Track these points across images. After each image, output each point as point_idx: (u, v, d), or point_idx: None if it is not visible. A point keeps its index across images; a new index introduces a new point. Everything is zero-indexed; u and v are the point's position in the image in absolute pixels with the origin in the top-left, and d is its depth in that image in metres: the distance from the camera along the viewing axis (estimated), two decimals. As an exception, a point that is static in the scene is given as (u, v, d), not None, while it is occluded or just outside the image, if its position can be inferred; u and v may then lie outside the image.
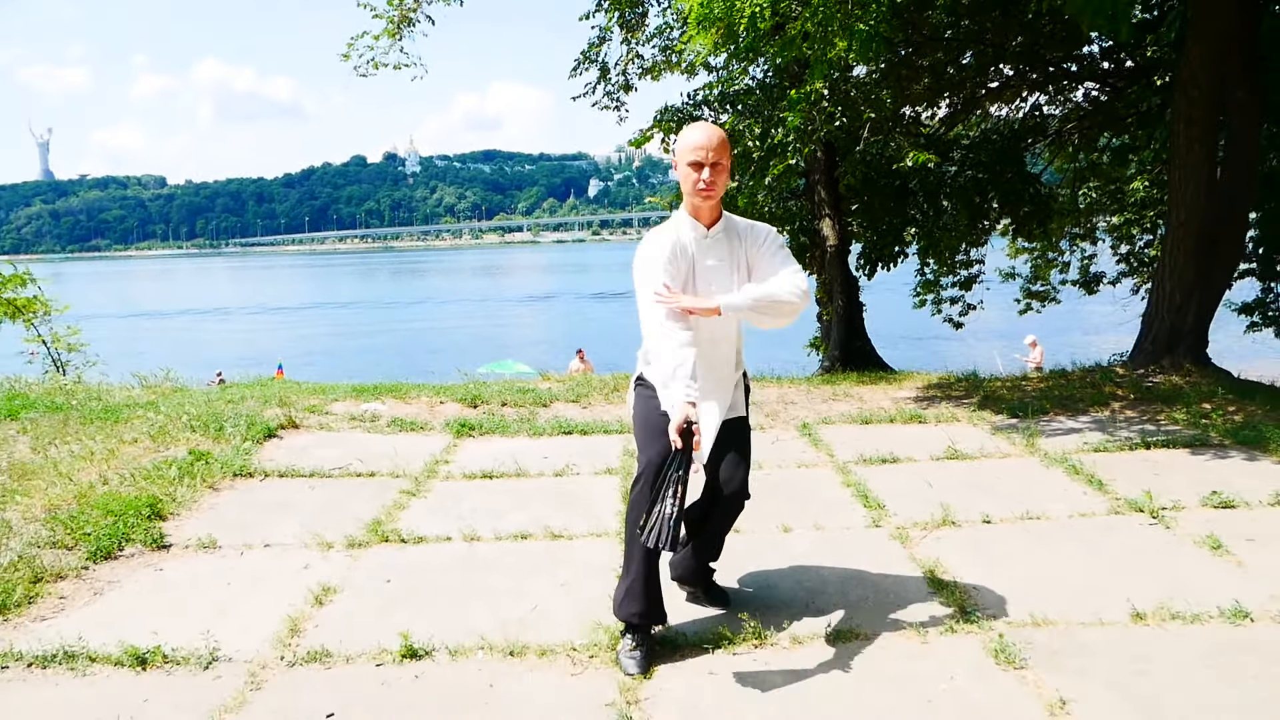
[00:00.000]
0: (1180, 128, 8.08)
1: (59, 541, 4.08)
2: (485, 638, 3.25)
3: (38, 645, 3.17)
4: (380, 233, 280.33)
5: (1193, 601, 3.46)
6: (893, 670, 3.02)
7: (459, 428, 6.33)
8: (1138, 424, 6.34)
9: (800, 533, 4.35)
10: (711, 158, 3.09)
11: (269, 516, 4.58)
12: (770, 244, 3.25)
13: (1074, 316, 19.10)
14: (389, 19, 10.20)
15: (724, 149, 3.11)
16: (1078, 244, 16.15)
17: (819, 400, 7.26)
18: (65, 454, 5.40)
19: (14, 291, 10.97)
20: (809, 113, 8.93)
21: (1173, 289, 8.23)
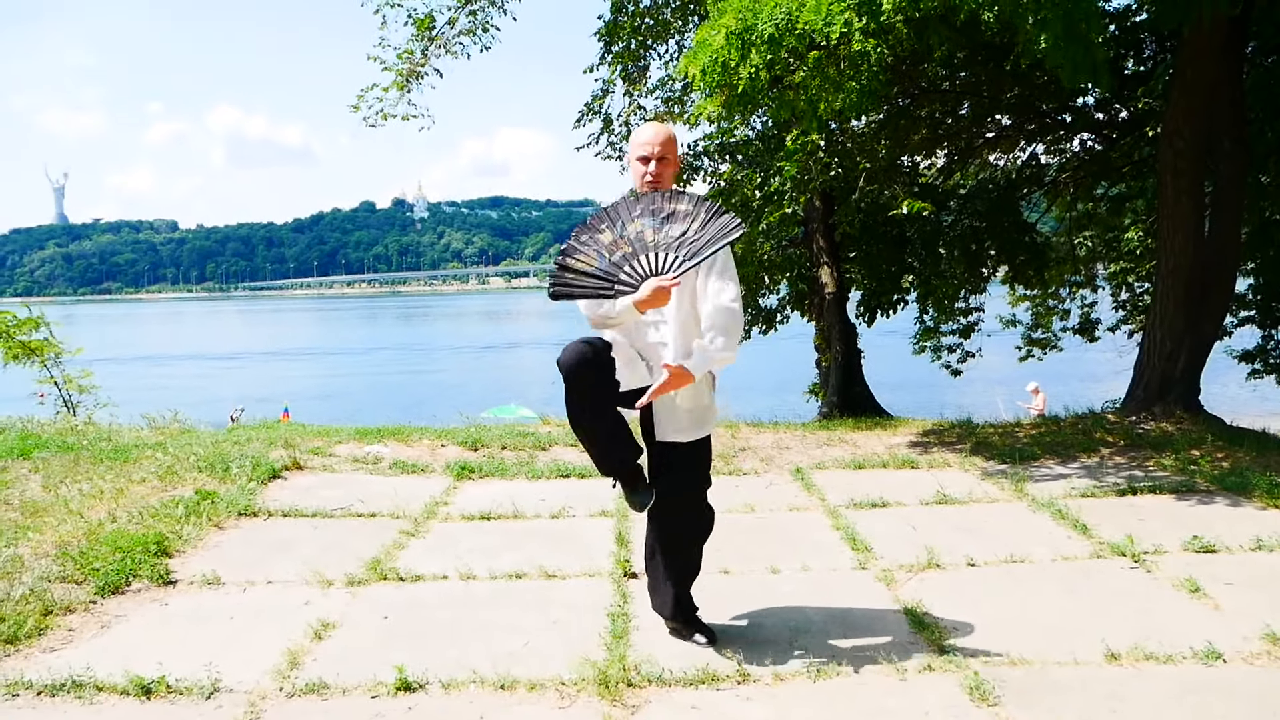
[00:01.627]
0: (1167, 178, 8.27)
1: (69, 576, 4.21)
2: (477, 672, 3.36)
3: (47, 674, 3.29)
4: (388, 277, 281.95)
5: (1167, 642, 3.56)
6: (870, 705, 3.13)
7: (459, 470, 6.47)
8: (1126, 470, 6.45)
9: (788, 574, 4.46)
10: (657, 152, 3.40)
11: (272, 554, 4.71)
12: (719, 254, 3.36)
13: (1076, 364, 19.19)
14: (398, 72, 10.48)
15: (669, 144, 3.41)
16: (1077, 292, 16.31)
17: (813, 445, 7.38)
18: (75, 492, 5.53)
19: (27, 334, 11.16)
20: (805, 163, 9.17)
21: (1163, 336, 8.37)
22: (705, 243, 3.25)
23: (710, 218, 3.28)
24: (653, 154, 3.41)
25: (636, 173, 3.46)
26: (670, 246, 3.26)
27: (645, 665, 3.40)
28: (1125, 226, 14.69)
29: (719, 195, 11.12)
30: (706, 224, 3.27)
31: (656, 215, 3.27)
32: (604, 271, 3.27)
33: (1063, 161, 13.87)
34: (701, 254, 3.24)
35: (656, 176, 3.42)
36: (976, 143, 12.68)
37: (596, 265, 3.27)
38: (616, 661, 3.39)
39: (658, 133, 3.44)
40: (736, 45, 6.00)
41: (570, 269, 3.29)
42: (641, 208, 3.28)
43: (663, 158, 3.42)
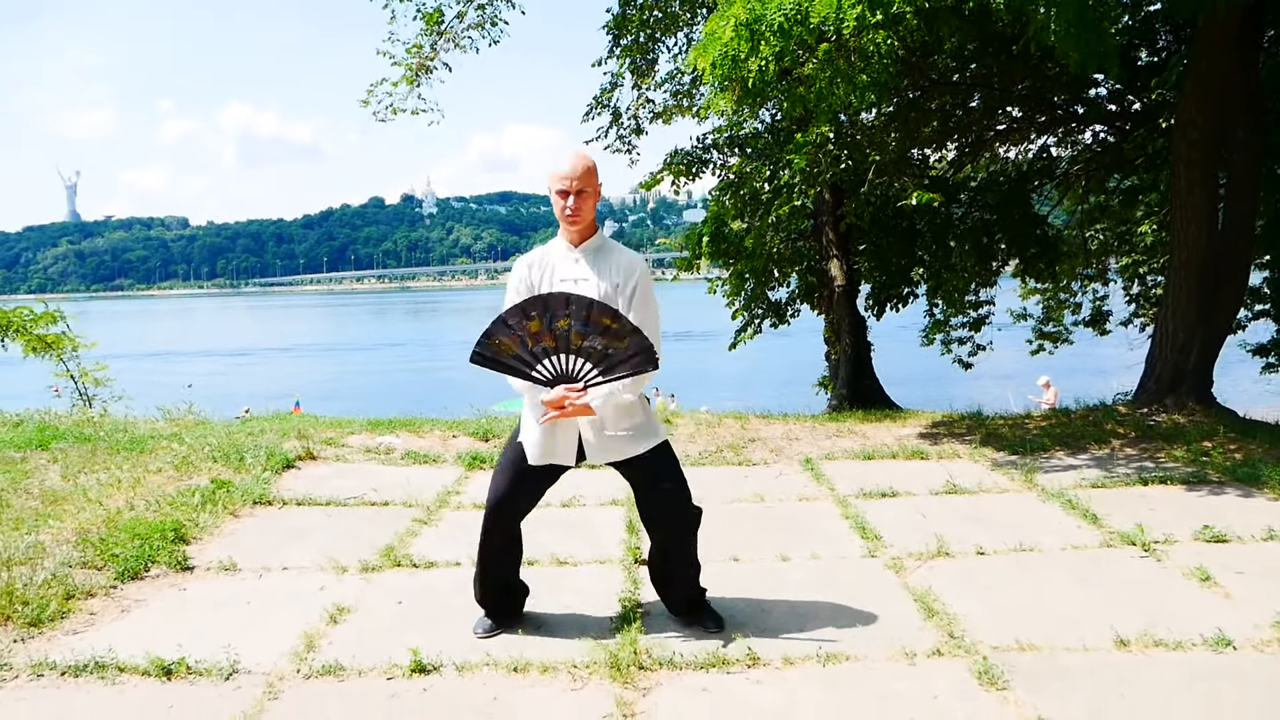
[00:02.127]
0: (1180, 169, 8.25)
1: (89, 562, 4.27)
2: (491, 655, 3.41)
3: (70, 656, 3.36)
4: (397, 273, 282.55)
5: (1177, 630, 3.58)
6: (879, 689, 3.16)
7: (470, 460, 6.52)
8: (1137, 461, 6.46)
9: (797, 562, 4.49)
10: (575, 185, 3.37)
11: (287, 542, 4.77)
12: (639, 288, 3.43)
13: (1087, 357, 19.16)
14: (407, 66, 10.52)
15: (588, 176, 3.38)
16: (1088, 285, 16.25)
17: (823, 437, 7.41)
18: (94, 482, 5.60)
19: (44, 328, 11.27)
20: (815, 155, 9.17)
21: (1176, 328, 8.35)
22: (621, 364, 3.31)
23: (635, 346, 3.30)
24: (570, 187, 3.36)
25: (557, 206, 3.42)
26: (590, 356, 3.32)
27: (656, 649, 3.44)
28: (1138, 219, 14.63)
29: (728, 188, 11.13)
30: (630, 349, 3.30)
31: (587, 323, 3.27)
32: (523, 358, 3.34)
33: (1074, 154, 13.81)
34: (614, 373, 3.32)
35: (576, 210, 3.38)
36: (987, 135, 12.64)
37: (518, 349, 3.33)
38: (628, 645, 3.43)
39: (575, 165, 3.36)
40: (745, 36, 6.00)
41: (494, 342, 3.34)
42: (574, 309, 3.27)
43: (581, 190, 3.37)
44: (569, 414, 3.33)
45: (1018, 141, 13.45)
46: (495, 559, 3.64)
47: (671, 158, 11.39)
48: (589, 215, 3.44)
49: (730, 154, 11.37)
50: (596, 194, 3.45)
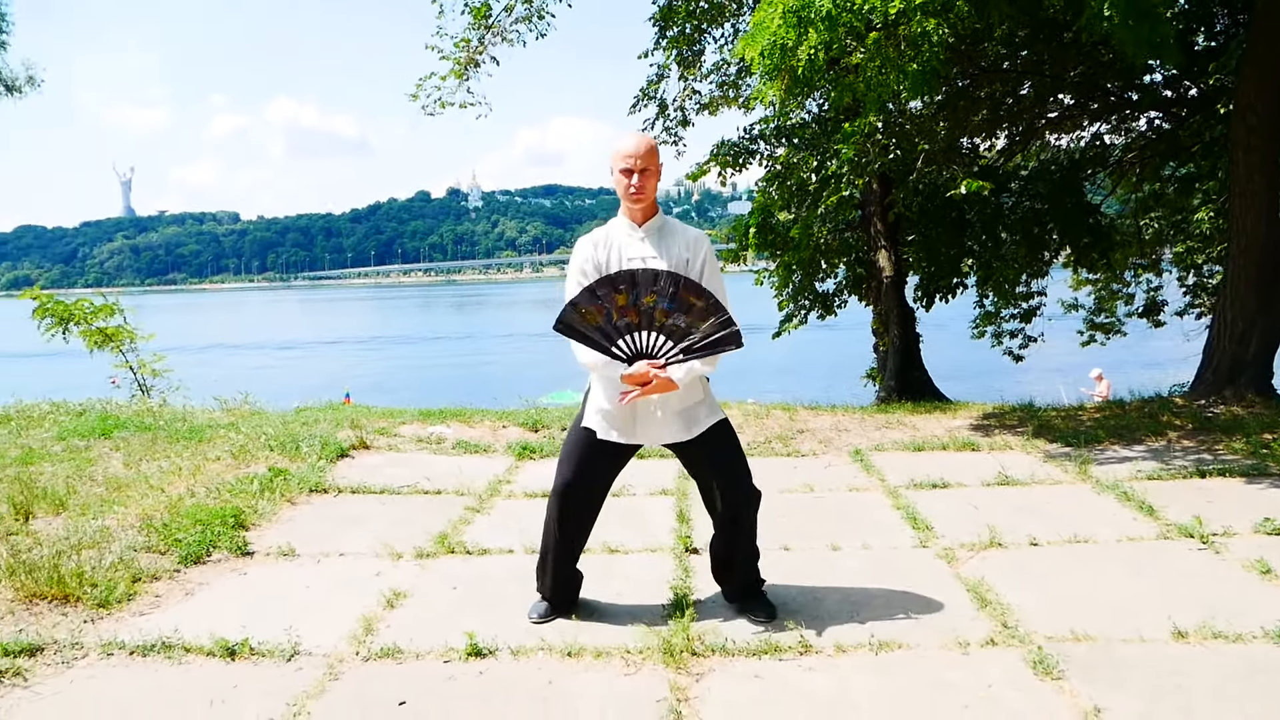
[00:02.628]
0: (1239, 155, 8.09)
1: (153, 547, 4.39)
2: (545, 639, 3.46)
3: (138, 636, 3.46)
4: (443, 266, 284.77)
5: (1235, 622, 3.53)
6: (932, 678, 3.15)
7: (520, 450, 6.58)
8: (1194, 453, 6.35)
9: (849, 551, 4.49)
10: (639, 164, 3.41)
11: (343, 528, 4.86)
12: (707, 262, 3.48)
13: (1140, 349, 18.85)
14: (456, 60, 10.61)
15: (651, 155, 3.43)
16: (1142, 275, 15.98)
17: (872, 428, 7.37)
18: (155, 469, 5.75)
19: (103, 321, 11.53)
20: (863, 145, 9.11)
21: (1234, 318, 8.20)
22: (704, 344, 3.35)
23: (719, 325, 3.34)
24: (635, 166, 3.42)
25: (620, 185, 3.46)
26: (673, 334, 3.34)
27: (708, 636, 3.46)
28: (1194, 207, 14.34)
29: (775, 178, 11.09)
30: (713, 328, 3.34)
31: (674, 300, 3.30)
32: (606, 331, 3.36)
33: (1128, 141, 13.57)
34: (695, 353, 3.35)
35: (640, 189, 3.43)
36: (1038, 123, 12.45)
37: (602, 322, 3.35)
38: (680, 632, 3.45)
39: (639, 144, 3.43)
40: (793, 25, 5.98)
41: (580, 311, 3.36)
42: (661, 286, 3.30)
43: (644, 169, 3.43)
44: (650, 390, 3.34)
45: (1070, 129, 13.25)
46: (562, 547, 3.66)
47: (718, 148, 11.38)
48: (652, 194, 3.49)
49: (777, 144, 11.33)
50: (658, 173, 3.49)
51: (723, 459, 3.59)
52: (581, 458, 3.56)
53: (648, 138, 3.48)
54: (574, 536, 3.69)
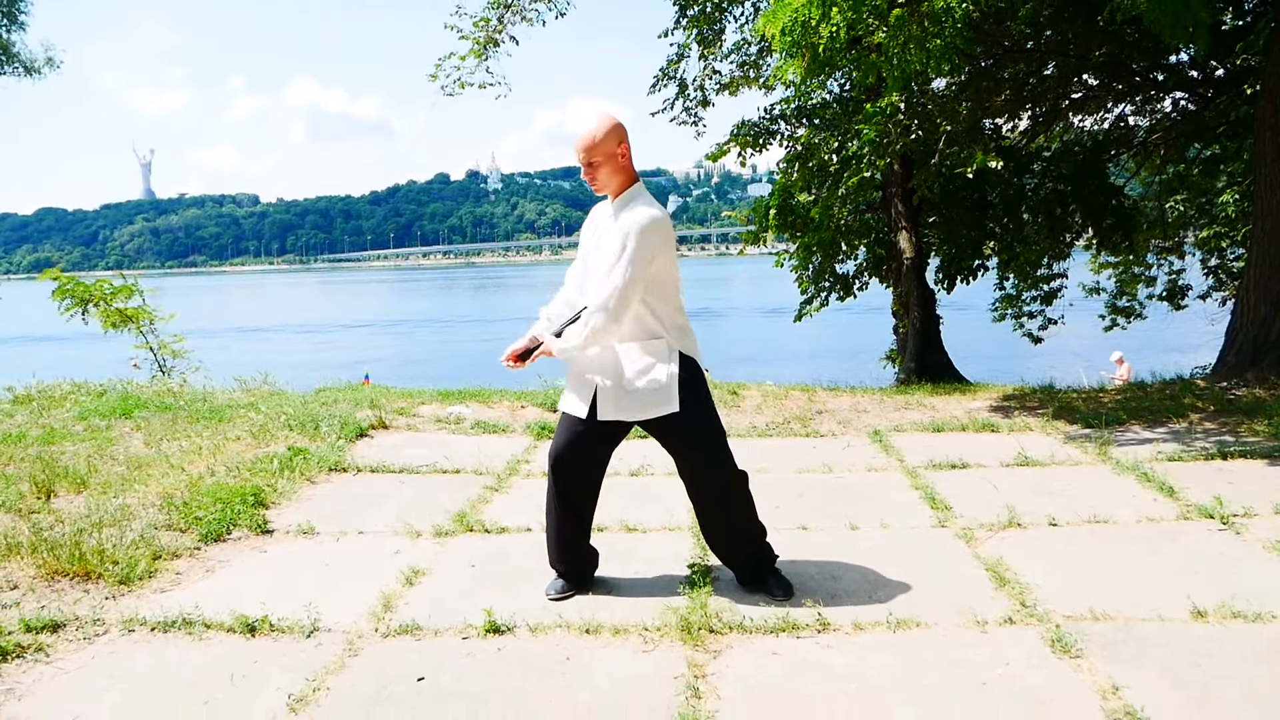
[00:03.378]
0: (1266, 135, 7.99)
1: (174, 525, 4.43)
2: (563, 616, 3.47)
3: (159, 612, 3.50)
4: (462, 249, 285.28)
5: (1256, 602, 3.50)
6: (950, 656, 3.15)
7: (539, 430, 6.60)
8: (1216, 435, 6.30)
9: (866, 531, 4.48)
10: (583, 158, 3.47)
11: (362, 507, 4.89)
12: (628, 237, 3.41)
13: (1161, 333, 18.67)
14: (475, 40, 10.61)
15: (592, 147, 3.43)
16: (1164, 258, 15.83)
17: (891, 409, 7.35)
18: (175, 449, 5.80)
19: (123, 302, 11.62)
20: (884, 125, 9.05)
21: (1258, 300, 8.11)
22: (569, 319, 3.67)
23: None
24: (580, 160, 3.47)
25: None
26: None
27: (726, 613, 3.47)
28: (1219, 189, 14.19)
29: (795, 159, 11.04)
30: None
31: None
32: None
33: (1153, 122, 13.41)
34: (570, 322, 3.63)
35: (591, 180, 3.50)
36: (1062, 104, 12.31)
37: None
38: (698, 609, 3.46)
39: (579, 139, 3.44)
40: (816, 2, 5.93)
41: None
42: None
43: (589, 163, 3.45)
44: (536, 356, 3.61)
45: (1094, 110, 13.09)
46: (564, 520, 3.69)
47: (738, 129, 11.33)
48: (606, 180, 3.50)
49: (798, 125, 11.27)
50: (612, 158, 3.45)
51: (683, 449, 3.60)
52: (564, 432, 3.66)
53: (596, 125, 3.42)
54: (577, 509, 3.71)
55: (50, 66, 18.82)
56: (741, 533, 3.73)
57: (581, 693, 2.95)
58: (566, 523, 3.70)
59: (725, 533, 3.73)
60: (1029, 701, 2.84)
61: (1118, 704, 2.79)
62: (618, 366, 3.51)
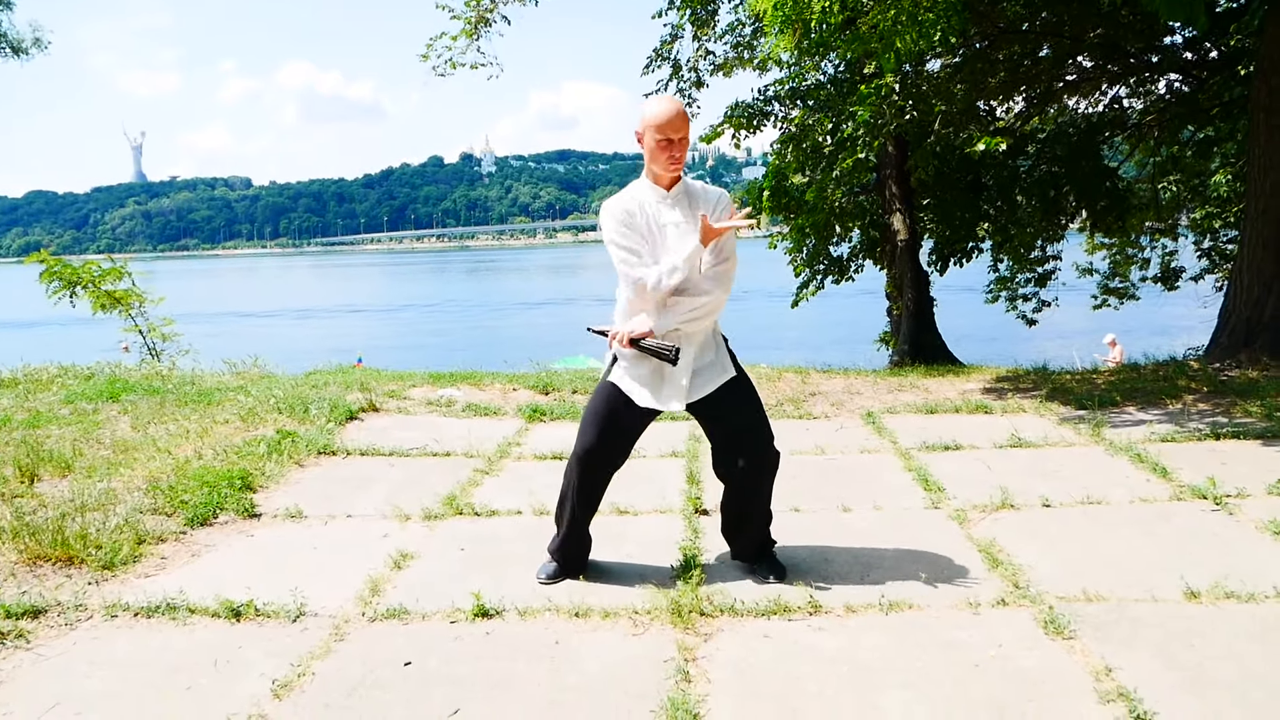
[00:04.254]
0: (1260, 116, 7.94)
1: (159, 509, 4.38)
2: (552, 600, 3.44)
3: (143, 597, 3.45)
4: (456, 232, 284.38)
5: (1249, 582, 3.48)
6: (942, 638, 3.12)
7: (531, 413, 6.55)
8: (1209, 416, 6.28)
9: (860, 512, 4.45)
10: (679, 135, 3.39)
11: (351, 490, 4.85)
12: (722, 209, 3.51)
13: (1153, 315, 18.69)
14: (466, 20, 10.51)
15: (687, 125, 3.41)
16: (1158, 239, 15.81)
17: (885, 391, 7.32)
18: (163, 432, 5.75)
19: (111, 284, 11.53)
20: (879, 106, 8.98)
21: (1251, 281, 8.08)
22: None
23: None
24: (675, 137, 3.38)
25: (658, 155, 3.40)
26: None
27: (717, 596, 3.44)
28: (1212, 171, 14.16)
29: (789, 141, 10.97)
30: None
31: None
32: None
33: (1147, 104, 13.37)
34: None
35: (680, 161, 3.44)
36: (1056, 86, 12.26)
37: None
38: (689, 592, 3.43)
39: (678, 115, 3.37)
40: (809, -24, 5.87)
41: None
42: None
43: (683, 139, 3.42)
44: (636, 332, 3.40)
45: (1088, 92, 13.04)
46: (579, 510, 3.63)
47: (732, 110, 11.25)
48: (683, 164, 3.50)
49: (792, 106, 11.19)
50: (689, 140, 3.49)
51: (745, 411, 3.55)
52: (608, 422, 3.51)
53: (681, 106, 3.42)
54: (592, 500, 3.66)
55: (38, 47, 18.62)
56: (764, 513, 3.72)
57: (570, 676, 2.92)
58: (579, 512, 3.64)
59: (755, 511, 3.68)
60: (1021, 683, 2.81)
61: (1111, 685, 2.77)
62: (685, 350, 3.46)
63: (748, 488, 3.63)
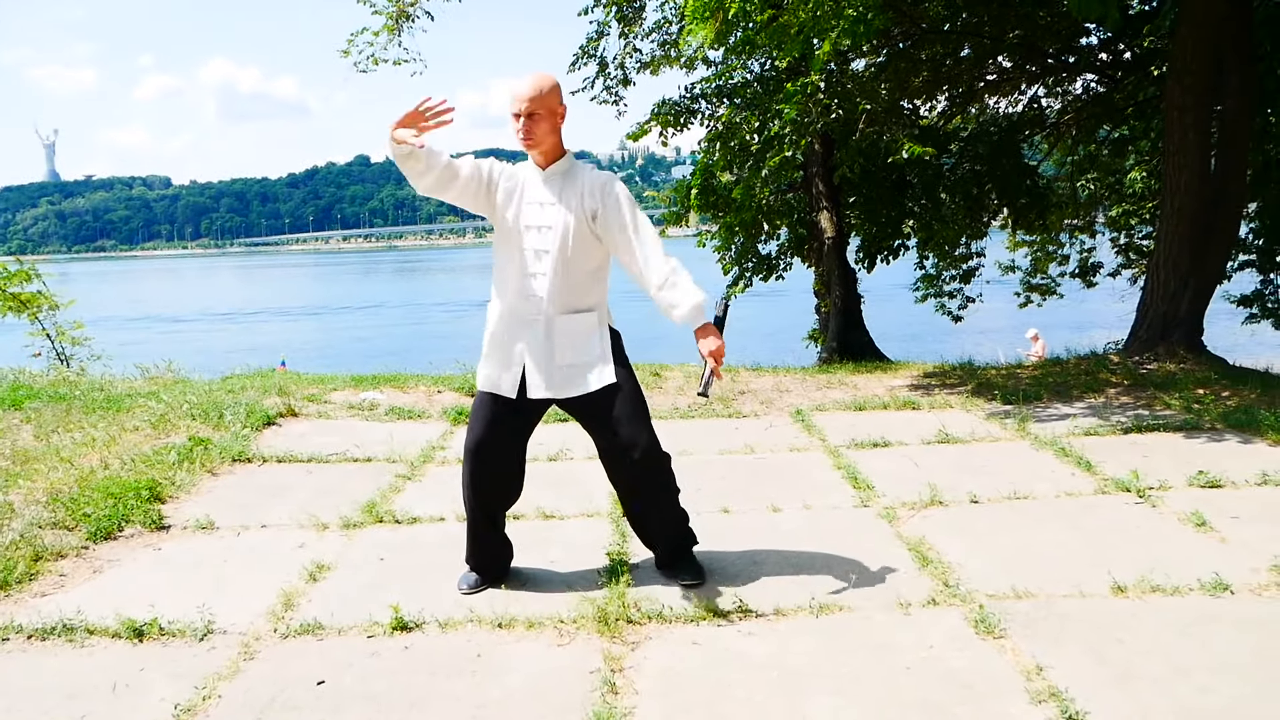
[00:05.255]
0: (1175, 115, 8.11)
1: (60, 522, 4.15)
2: (474, 611, 3.31)
3: (37, 619, 3.25)
4: (384, 231, 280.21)
5: (1174, 575, 3.51)
6: (874, 640, 3.08)
7: (455, 415, 6.40)
8: (1131, 409, 6.39)
9: (789, 512, 4.41)
10: (526, 107, 3.22)
11: (266, 499, 4.66)
12: (623, 203, 3.30)
13: (1074, 310, 19.12)
14: (388, 15, 10.27)
15: (539, 98, 3.23)
16: (1077, 236, 16.16)
17: (813, 388, 7.32)
18: (67, 441, 5.47)
19: (19, 286, 11.04)
20: (805, 105, 8.98)
21: (1167, 276, 8.26)
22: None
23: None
24: (521, 110, 3.22)
25: (513, 128, 3.30)
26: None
27: (645, 602, 3.35)
28: (1127, 169, 14.52)
29: (716, 139, 10.94)
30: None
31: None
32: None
33: (1065, 104, 13.66)
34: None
35: (527, 132, 3.26)
36: (977, 85, 12.47)
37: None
38: (616, 599, 3.33)
39: (525, 84, 3.21)
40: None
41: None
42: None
43: (532, 113, 3.23)
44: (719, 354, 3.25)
45: (1008, 92, 13.29)
46: (480, 510, 3.50)
47: (659, 107, 11.18)
48: (544, 138, 3.30)
49: (719, 104, 11.17)
50: (553, 115, 3.28)
51: (612, 425, 3.38)
52: (483, 416, 3.41)
53: (540, 76, 3.26)
54: (492, 500, 3.53)
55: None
56: (669, 517, 3.60)
57: (492, 690, 2.80)
58: (481, 512, 3.52)
59: (651, 514, 3.59)
60: (953, 685, 2.77)
61: (1042, 685, 2.75)
62: (548, 342, 3.34)
63: (636, 498, 3.53)
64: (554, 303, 3.33)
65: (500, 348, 3.41)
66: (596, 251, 3.37)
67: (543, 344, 3.34)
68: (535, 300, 3.34)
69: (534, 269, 3.33)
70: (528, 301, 3.35)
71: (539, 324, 3.34)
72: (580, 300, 3.37)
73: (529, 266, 3.33)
